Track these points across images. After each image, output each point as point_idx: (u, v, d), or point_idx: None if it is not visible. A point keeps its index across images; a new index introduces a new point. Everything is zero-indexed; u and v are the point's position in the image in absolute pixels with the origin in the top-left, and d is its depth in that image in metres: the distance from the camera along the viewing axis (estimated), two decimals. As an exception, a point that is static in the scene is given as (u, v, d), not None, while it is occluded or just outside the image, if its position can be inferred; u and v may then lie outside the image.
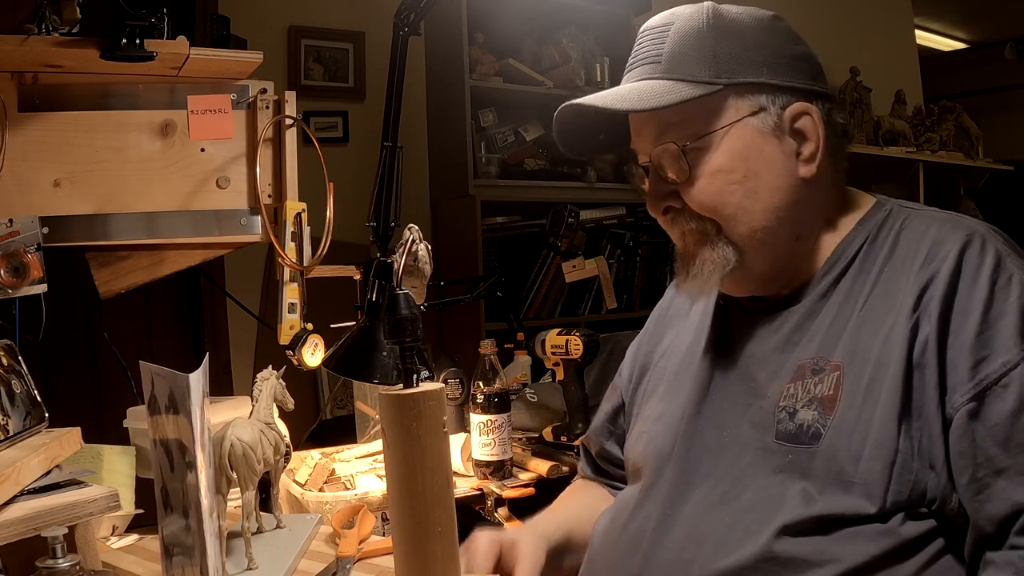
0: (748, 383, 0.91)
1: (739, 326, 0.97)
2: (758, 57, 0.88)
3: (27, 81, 1.25)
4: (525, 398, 1.86)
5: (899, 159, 3.82)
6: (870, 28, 4.39)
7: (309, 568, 1.10)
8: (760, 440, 0.87)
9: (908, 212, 0.91)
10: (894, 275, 0.85)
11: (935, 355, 0.79)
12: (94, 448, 1.23)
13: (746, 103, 0.88)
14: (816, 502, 0.80)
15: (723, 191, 0.88)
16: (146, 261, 1.37)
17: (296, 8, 2.95)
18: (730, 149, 0.88)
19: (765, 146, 0.88)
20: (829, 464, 0.80)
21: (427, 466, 0.82)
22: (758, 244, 0.89)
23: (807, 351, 0.87)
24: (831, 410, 0.82)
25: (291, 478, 1.45)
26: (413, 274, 1.38)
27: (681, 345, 1.05)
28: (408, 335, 0.86)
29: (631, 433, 1.08)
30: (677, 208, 0.92)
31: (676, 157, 0.89)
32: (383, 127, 1.32)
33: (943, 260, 0.81)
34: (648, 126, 0.91)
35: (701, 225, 0.90)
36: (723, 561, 0.83)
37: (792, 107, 0.89)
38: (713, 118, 0.88)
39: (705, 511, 0.87)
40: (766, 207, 0.88)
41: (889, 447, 0.78)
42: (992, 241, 0.82)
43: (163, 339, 2.64)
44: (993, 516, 0.76)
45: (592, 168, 3.17)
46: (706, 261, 0.90)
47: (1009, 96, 5.68)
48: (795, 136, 0.89)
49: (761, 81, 0.88)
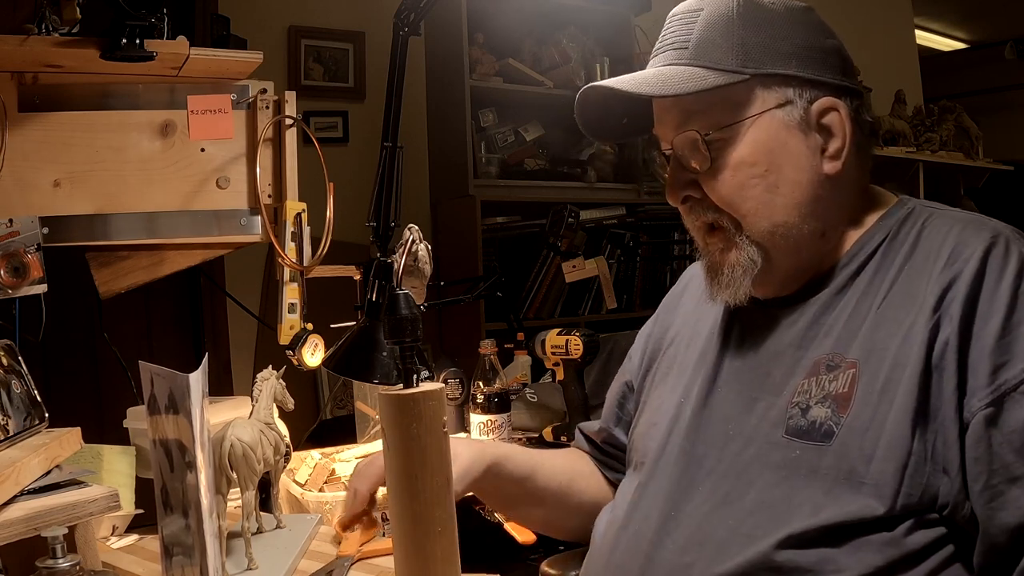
0: (762, 378, 0.90)
1: (753, 318, 0.95)
2: (787, 48, 0.87)
3: (27, 81, 1.25)
4: (525, 398, 1.86)
5: (899, 159, 3.81)
6: (870, 28, 4.39)
7: (309, 568, 1.09)
8: (767, 435, 0.85)
9: (931, 211, 0.89)
10: (915, 274, 0.83)
11: (955, 358, 0.77)
12: (94, 448, 1.23)
13: (772, 95, 0.86)
14: (823, 509, 0.79)
15: (744, 185, 0.86)
16: (146, 261, 1.37)
17: (296, 8, 2.95)
18: (754, 141, 0.86)
19: (789, 140, 0.87)
20: (840, 463, 0.79)
21: (427, 466, 0.82)
22: (780, 241, 0.87)
23: (823, 347, 0.86)
24: (845, 408, 0.81)
25: (291, 478, 1.45)
26: (413, 274, 1.38)
27: (692, 334, 1.03)
28: (408, 335, 0.86)
29: (638, 420, 1.06)
30: (696, 198, 0.90)
31: (698, 146, 0.87)
32: (383, 127, 1.31)
33: (966, 261, 0.80)
34: (671, 113, 0.90)
35: (718, 218, 0.89)
36: (723, 566, 0.82)
37: (820, 102, 0.87)
38: (738, 108, 0.87)
39: (708, 512, 0.86)
40: (786, 203, 0.87)
41: (903, 448, 0.77)
42: (1017, 244, 0.81)
43: (163, 339, 2.64)
44: (1005, 525, 0.74)
45: (592, 168, 3.17)
46: (735, 266, 0.89)
47: (1009, 96, 5.68)
48: (821, 132, 0.88)
49: (789, 73, 0.86)
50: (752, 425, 0.87)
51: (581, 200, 3.02)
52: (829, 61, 0.89)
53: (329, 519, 1.29)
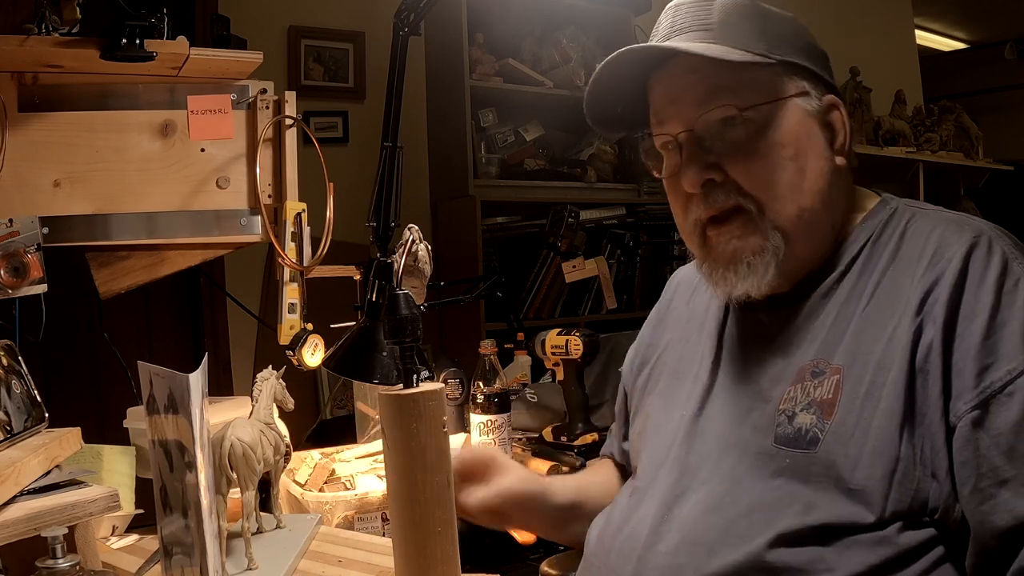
0: (752, 386, 0.89)
1: (742, 326, 0.95)
2: (799, 44, 0.89)
3: (27, 81, 1.25)
4: (525, 398, 1.86)
5: (899, 159, 3.81)
6: (870, 28, 4.39)
7: (309, 568, 1.09)
8: (760, 444, 0.85)
9: (914, 211, 0.89)
10: (898, 276, 0.83)
11: (939, 360, 0.76)
12: (94, 448, 1.23)
13: (794, 83, 0.87)
14: (815, 510, 0.78)
15: (777, 166, 0.85)
16: (146, 261, 1.37)
17: (296, 8, 2.95)
18: (783, 124, 0.86)
19: (812, 127, 0.88)
20: (827, 470, 0.79)
21: (427, 466, 0.82)
22: (805, 227, 0.86)
23: (808, 353, 0.85)
24: (830, 414, 0.80)
25: (291, 478, 1.45)
26: (413, 274, 1.38)
27: (682, 342, 1.03)
28: (408, 335, 0.86)
29: (633, 428, 1.07)
30: (717, 182, 0.87)
31: (730, 123, 0.85)
32: (383, 127, 1.31)
33: (949, 262, 0.79)
34: (693, 91, 0.87)
35: (743, 201, 0.86)
36: (715, 566, 0.81)
37: (827, 98, 0.89)
38: (767, 90, 0.86)
39: (701, 514, 0.86)
40: (812, 188, 0.86)
41: (889, 454, 0.76)
42: (999, 243, 0.80)
43: (163, 339, 2.64)
44: (996, 528, 0.74)
45: (592, 168, 3.17)
46: (759, 252, 0.86)
47: (1009, 96, 5.68)
48: (826, 128, 0.89)
49: (807, 65, 0.88)
50: (746, 435, 0.87)
51: (581, 200, 3.02)
52: (825, 64, 0.91)
53: (329, 519, 1.29)
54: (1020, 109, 5.62)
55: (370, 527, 1.34)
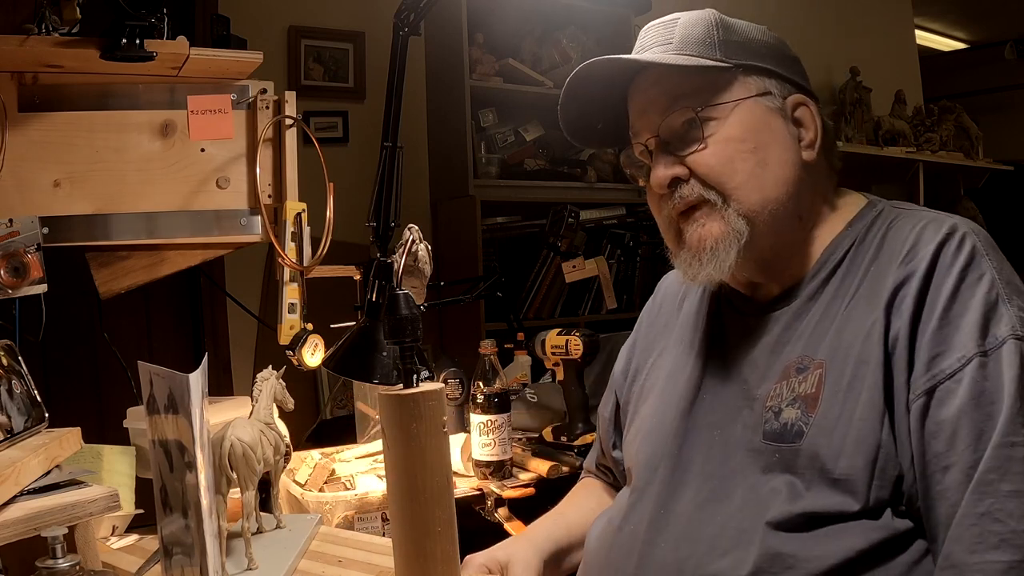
0: (740, 385, 0.92)
1: (731, 328, 0.98)
2: (762, 50, 0.93)
3: (27, 81, 1.25)
4: (525, 398, 1.86)
5: (899, 159, 3.82)
6: (870, 28, 4.39)
7: (309, 568, 1.10)
8: (749, 441, 0.87)
9: (898, 212, 0.91)
10: (879, 274, 0.85)
11: (905, 350, 0.79)
12: (94, 448, 1.23)
13: (753, 84, 0.92)
14: (802, 498, 0.80)
15: (734, 158, 0.89)
16: (146, 261, 1.37)
17: (296, 8, 2.95)
18: (741, 120, 0.90)
19: (773, 122, 0.91)
20: (812, 461, 0.81)
21: (427, 466, 0.82)
22: (768, 216, 0.89)
23: (794, 351, 0.88)
24: (813, 408, 0.83)
25: (291, 478, 1.45)
26: (413, 274, 1.38)
27: (674, 346, 1.05)
28: (408, 335, 0.86)
29: (627, 433, 1.08)
30: (683, 179, 0.92)
31: (689, 124, 0.91)
32: (383, 127, 1.31)
33: (922, 259, 0.82)
34: (658, 102, 0.93)
35: (706, 192, 0.90)
36: (717, 561, 0.83)
37: (792, 97, 0.93)
38: (724, 91, 0.91)
39: (696, 508, 0.88)
40: (776, 178, 0.90)
41: (871, 443, 0.78)
42: (971, 238, 0.82)
43: (163, 339, 2.64)
44: (936, 518, 0.76)
45: (592, 168, 3.17)
46: (721, 237, 0.90)
47: (1009, 96, 5.68)
48: (795, 124, 0.93)
49: (767, 67, 0.92)
50: (736, 433, 0.89)
51: (581, 200, 3.02)
52: (795, 68, 0.96)
53: (329, 519, 1.29)
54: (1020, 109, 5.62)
55: (370, 527, 1.34)
